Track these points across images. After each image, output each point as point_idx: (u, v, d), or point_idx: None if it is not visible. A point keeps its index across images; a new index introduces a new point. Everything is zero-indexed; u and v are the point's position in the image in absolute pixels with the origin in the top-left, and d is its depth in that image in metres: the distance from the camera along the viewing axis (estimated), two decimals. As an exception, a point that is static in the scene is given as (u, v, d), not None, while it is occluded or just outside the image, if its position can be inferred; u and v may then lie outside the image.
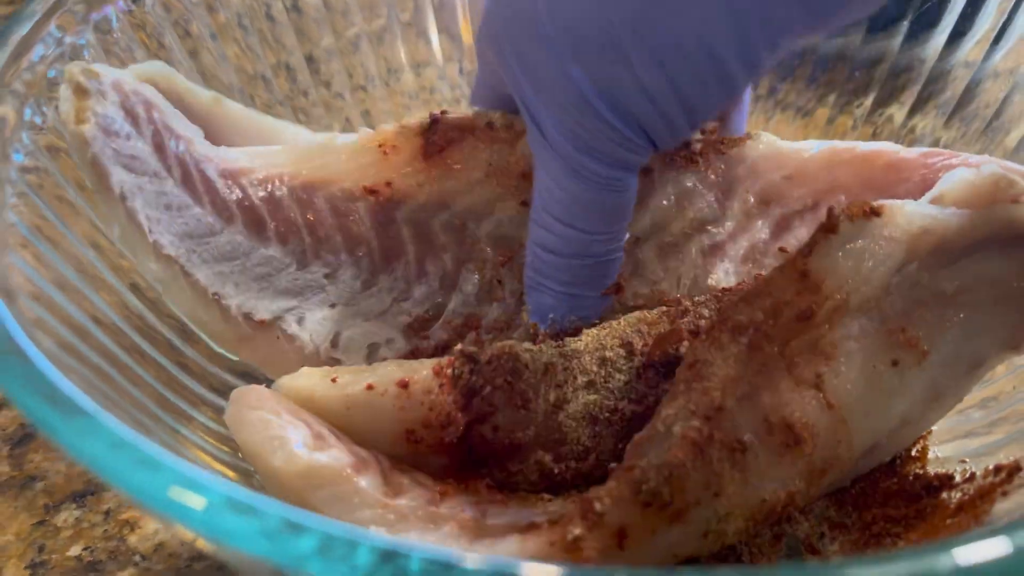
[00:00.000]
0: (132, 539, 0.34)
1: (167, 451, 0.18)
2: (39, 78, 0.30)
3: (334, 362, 0.33)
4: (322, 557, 0.16)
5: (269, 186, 0.33)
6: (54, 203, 0.29)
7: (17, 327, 0.20)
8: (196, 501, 0.17)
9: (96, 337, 0.26)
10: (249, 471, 0.29)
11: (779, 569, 0.16)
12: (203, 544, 0.20)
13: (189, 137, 0.33)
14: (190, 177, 0.32)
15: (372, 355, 0.33)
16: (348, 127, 0.47)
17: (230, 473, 0.28)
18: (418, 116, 0.34)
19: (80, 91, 0.30)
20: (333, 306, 0.34)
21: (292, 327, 0.33)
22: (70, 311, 0.26)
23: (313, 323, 0.33)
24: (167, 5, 0.38)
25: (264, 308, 0.33)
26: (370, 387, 0.28)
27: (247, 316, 0.33)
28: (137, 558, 0.34)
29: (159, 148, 0.32)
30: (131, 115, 0.31)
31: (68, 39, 0.32)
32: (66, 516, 0.35)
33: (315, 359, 0.33)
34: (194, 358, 0.33)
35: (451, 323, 0.34)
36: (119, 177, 0.31)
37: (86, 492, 0.36)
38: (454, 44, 0.50)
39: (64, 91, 0.30)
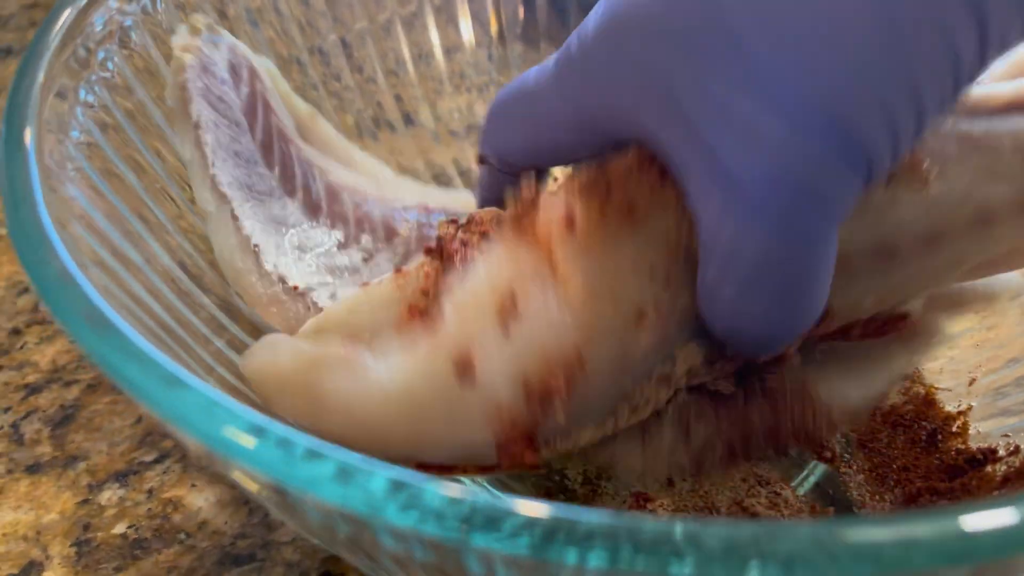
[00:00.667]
0: (176, 517, 0.35)
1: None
2: (90, 56, 0.31)
3: None
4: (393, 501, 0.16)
5: (336, 188, 0.35)
6: (106, 178, 0.29)
7: (100, 297, 0.21)
8: (248, 440, 0.18)
9: (151, 308, 0.27)
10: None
11: (836, 522, 0.16)
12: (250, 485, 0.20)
13: (282, 119, 0.34)
14: (270, 144, 0.34)
15: None
16: (379, 111, 0.47)
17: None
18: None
19: (195, 31, 0.33)
20: (366, 285, 0.34)
21: (323, 300, 0.33)
22: (130, 283, 0.26)
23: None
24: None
25: (299, 276, 0.33)
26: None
27: (281, 279, 0.33)
28: (182, 536, 0.34)
29: (250, 109, 0.34)
30: (235, 71, 0.34)
31: (116, 18, 0.32)
32: (109, 495, 0.36)
33: None
34: (237, 334, 0.33)
35: None
36: (200, 108, 0.32)
37: (128, 472, 0.36)
38: (483, 30, 0.51)
39: (181, 28, 0.33)
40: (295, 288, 0.33)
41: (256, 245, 0.32)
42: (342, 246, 0.34)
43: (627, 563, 0.16)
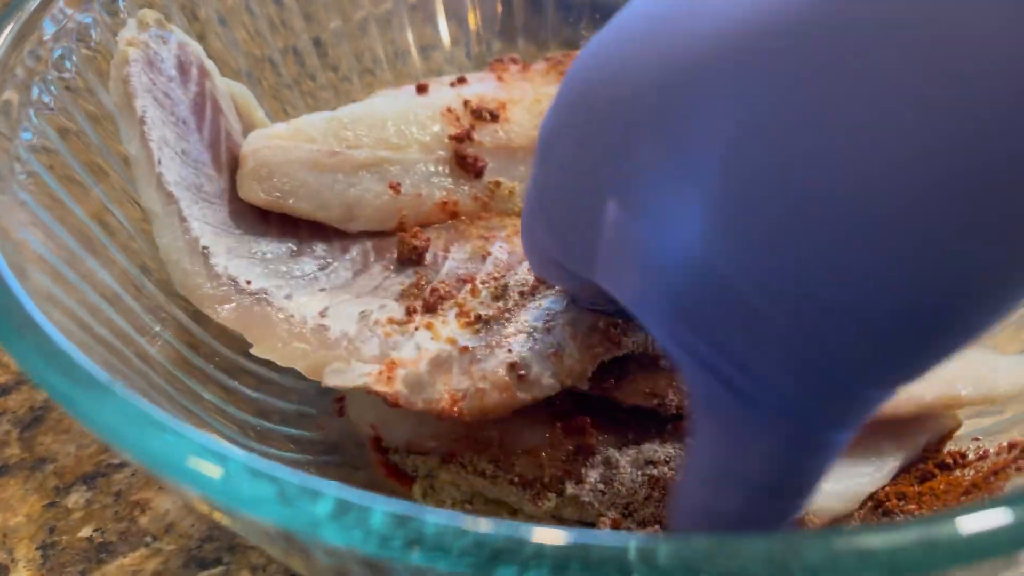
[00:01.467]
0: (143, 520, 0.34)
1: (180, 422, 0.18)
2: (46, 55, 0.30)
3: (322, 329, 0.31)
4: (335, 522, 0.16)
5: None
6: (63, 182, 0.29)
7: (31, 302, 0.20)
8: (213, 469, 0.17)
9: (106, 314, 0.26)
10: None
11: (791, 536, 0.16)
12: (219, 516, 0.20)
13: (231, 122, 0.33)
14: (217, 146, 0.33)
15: (363, 320, 0.32)
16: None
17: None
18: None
19: (143, 26, 0.32)
20: (323, 290, 0.33)
21: (279, 300, 0.32)
22: (82, 288, 0.26)
23: (301, 300, 0.32)
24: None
25: (253, 279, 0.32)
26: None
27: (232, 279, 0.31)
28: (148, 539, 0.34)
29: (198, 108, 0.33)
30: (183, 69, 0.33)
31: (77, 16, 0.32)
32: (76, 498, 0.35)
33: (301, 327, 0.31)
34: (202, 338, 0.33)
35: (445, 282, 0.33)
36: (145, 103, 0.31)
37: (96, 474, 0.36)
38: (461, 28, 0.50)
39: (131, 22, 0.32)
40: (248, 283, 0.31)
41: (205, 248, 0.31)
42: (295, 254, 0.33)
43: None
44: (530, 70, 0.40)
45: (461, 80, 0.39)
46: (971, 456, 0.31)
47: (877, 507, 0.30)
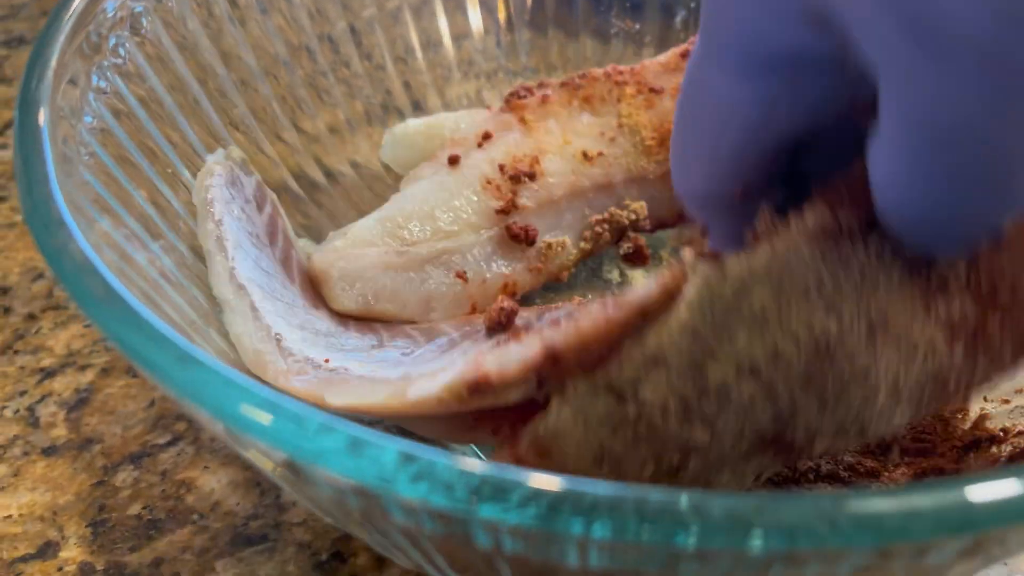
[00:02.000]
0: (189, 498, 0.35)
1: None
2: (102, 43, 0.31)
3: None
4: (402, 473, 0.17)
5: None
6: (120, 163, 0.29)
7: (114, 278, 0.21)
8: (262, 416, 0.19)
9: (164, 290, 0.27)
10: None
11: (842, 494, 0.16)
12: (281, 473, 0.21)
13: (299, 252, 0.35)
14: (289, 264, 0.34)
15: None
16: (388, 98, 0.48)
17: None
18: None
19: (229, 158, 0.35)
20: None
21: (356, 370, 0.31)
22: (143, 266, 0.26)
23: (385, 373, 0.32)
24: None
25: (331, 358, 0.31)
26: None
27: (308, 358, 0.31)
28: (195, 516, 0.35)
29: (270, 233, 0.34)
30: (259, 201, 0.34)
31: (128, 4, 0.32)
32: (124, 477, 0.36)
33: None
34: None
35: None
36: (222, 211, 0.32)
37: (142, 454, 0.37)
38: (491, 17, 0.51)
39: (219, 151, 0.34)
40: (326, 361, 0.30)
41: (278, 334, 0.31)
42: (375, 347, 0.33)
43: (633, 534, 0.16)
44: (550, 102, 0.40)
45: (486, 137, 0.39)
46: (1006, 433, 0.31)
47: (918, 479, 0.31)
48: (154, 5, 0.34)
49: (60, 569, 0.33)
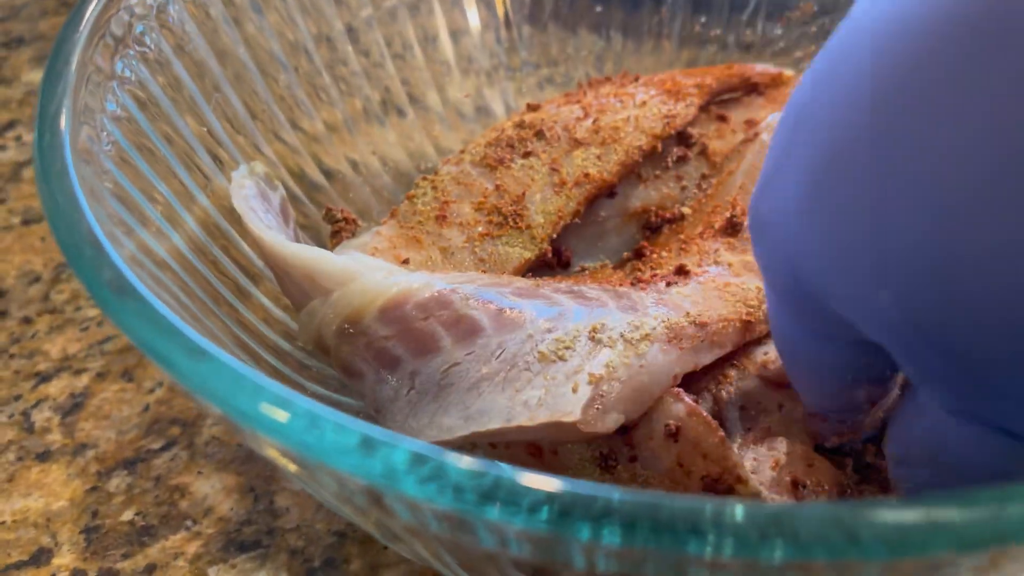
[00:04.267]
0: (183, 504, 0.35)
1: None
2: (128, 32, 0.31)
3: None
4: (412, 474, 0.17)
5: None
6: (139, 150, 0.30)
7: (130, 272, 0.21)
8: (277, 413, 0.18)
9: (180, 276, 0.27)
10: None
11: (861, 503, 0.16)
12: (294, 468, 0.21)
13: None
14: None
15: None
16: (388, 95, 0.47)
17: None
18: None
19: (252, 172, 0.35)
20: None
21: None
22: (159, 252, 0.27)
23: None
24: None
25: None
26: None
27: None
28: (188, 522, 0.34)
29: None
30: (284, 215, 0.34)
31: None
32: (118, 482, 0.36)
33: None
34: (261, 301, 0.34)
35: None
36: (259, 220, 0.32)
37: (136, 459, 0.37)
38: (490, 13, 0.50)
39: (242, 166, 0.34)
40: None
41: None
42: None
43: (646, 540, 0.16)
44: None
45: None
46: None
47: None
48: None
49: (52, 576, 0.33)
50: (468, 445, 0.26)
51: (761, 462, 0.26)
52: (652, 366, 0.25)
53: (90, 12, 0.30)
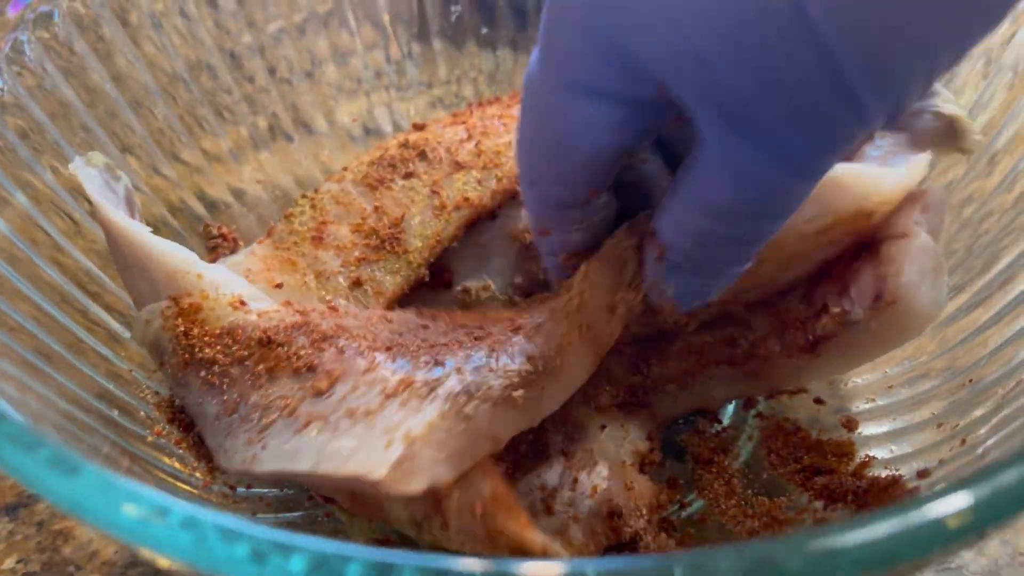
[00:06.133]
0: (66, 549, 0.35)
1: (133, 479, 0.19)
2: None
3: None
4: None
5: None
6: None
7: None
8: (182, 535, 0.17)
9: (37, 337, 0.27)
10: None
11: (765, 544, 0.16)
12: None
13: None
14: None
15: None
16: (275, 120, 0.47)
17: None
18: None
19: (90, 164, 0.33)
20: None
21: None
22: (10, 313, 0.26)
23: None
24: (75, 11, 0.37)
25: None
26: None
27: None
28: (71, 568, 0.34)
29: None
30: (130, 207, 0.33)
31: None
32: (-1, 529, 0.36)
33: None
34: (137, 349, 0.34)
35: None
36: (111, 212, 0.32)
37: (18, 504, 0.36)
38: (378, 31, 0.50)
39: (78, 159, 0.32)
40: None
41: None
42: None
43: None
44: None
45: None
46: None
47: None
48: (39, 35, 0.34)
49: (-71, 632, 0.32)
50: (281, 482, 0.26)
51: (580, 494, 0.27)
52: (475, 429, 0.24)
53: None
